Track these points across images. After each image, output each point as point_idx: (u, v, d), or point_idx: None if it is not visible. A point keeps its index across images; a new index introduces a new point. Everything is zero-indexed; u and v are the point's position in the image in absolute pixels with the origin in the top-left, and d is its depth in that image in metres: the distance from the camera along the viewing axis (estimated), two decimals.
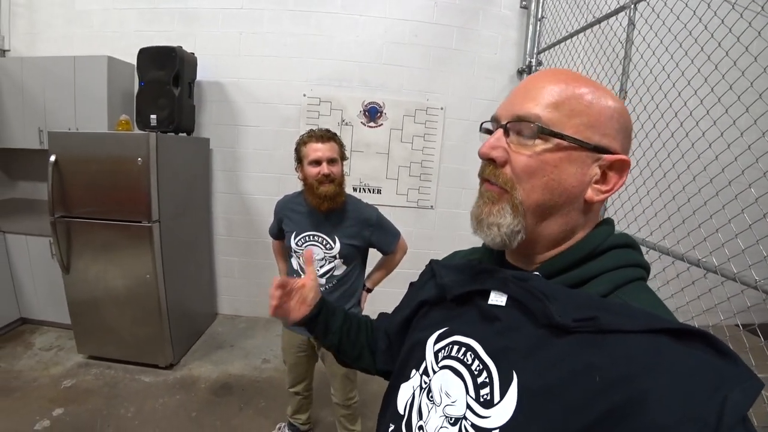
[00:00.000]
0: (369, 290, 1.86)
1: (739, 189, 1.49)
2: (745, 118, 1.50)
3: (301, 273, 1.68)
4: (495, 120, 0.58)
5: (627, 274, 0.53)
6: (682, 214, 1.73)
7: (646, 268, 0.56)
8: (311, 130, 1.62)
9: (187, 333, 2.86)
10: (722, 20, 1.58)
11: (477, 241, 0.62)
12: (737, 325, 1.49)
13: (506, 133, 0.55)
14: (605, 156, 0.53)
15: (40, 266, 2.82)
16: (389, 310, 0.95)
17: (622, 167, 0.54)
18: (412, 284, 0.83)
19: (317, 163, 1.56)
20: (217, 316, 3.41)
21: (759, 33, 1.45)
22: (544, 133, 0.52)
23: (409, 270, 1.90)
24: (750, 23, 1.48)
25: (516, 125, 0.54)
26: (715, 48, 1.60)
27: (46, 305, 2.89)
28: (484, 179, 0.58)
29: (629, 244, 0.56)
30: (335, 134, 1.63)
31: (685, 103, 1.72)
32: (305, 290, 0.86)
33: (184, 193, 2.79)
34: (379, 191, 3.29)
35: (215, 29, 3.00)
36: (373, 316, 0.95)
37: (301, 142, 1.61)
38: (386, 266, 1.86)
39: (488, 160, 0.56)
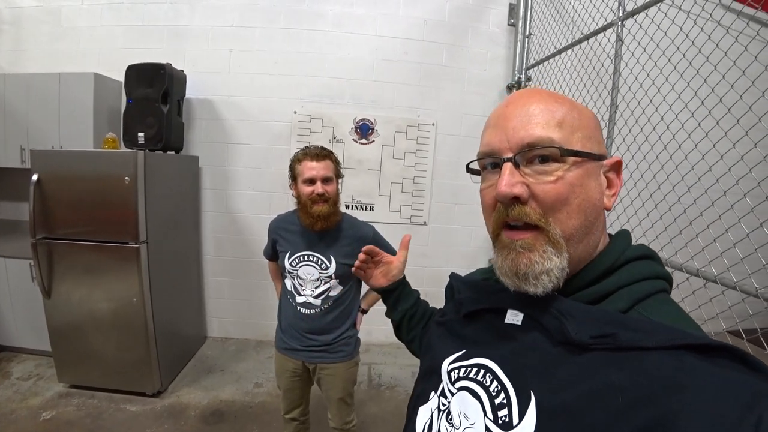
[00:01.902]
0: (364, 311, 1.80)
1: (735, 199, 1.51)
2: (737, 130, 1.53)
3: (295, 295, 1.63)
4: (490, 155, 0.54)
5: (646, 288, 0.51)
6: (679, 225, 1.74)
7: (667, 279, 0.54)
8: (306, 147, 1.58)
9: (175, 358, 2.75)
10: (709, 36, 1.63)
11: (472, 256, 0.58)
12: (738, 332, 1.48)
13: (516, 166, 0.51)
14: (605, 162, 0.54)
15: (20, 290, 2.68)
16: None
17: (618, 168, 0.55)
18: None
19: (311, 181, 1.52)
20: (207, 339, 3.29)
21: (746, 48, 1.48)
22: (566, 154, 0.50)
23: None
24: (736, 39, 1.53)
25: (527, 154, 0.50)
26: (703, 62, 1.64)
27: (25, 331, 2.75)
28: (504, 226, 0.53)
29: (647, 255, 0.55)
30: (331, 152, 1.60)
31: (677, 116, 1.75)
32: (391, 266, 0.94)
33: (173, 212, 2.72)
34: (371, 208, 3.26)
35: (205, 47, 2.99)
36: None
37: (296, 160, 1.57)
38: None
39: (511, 200, 0.50)
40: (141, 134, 2.60)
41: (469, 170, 0.60)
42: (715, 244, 1.60)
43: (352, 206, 3.22)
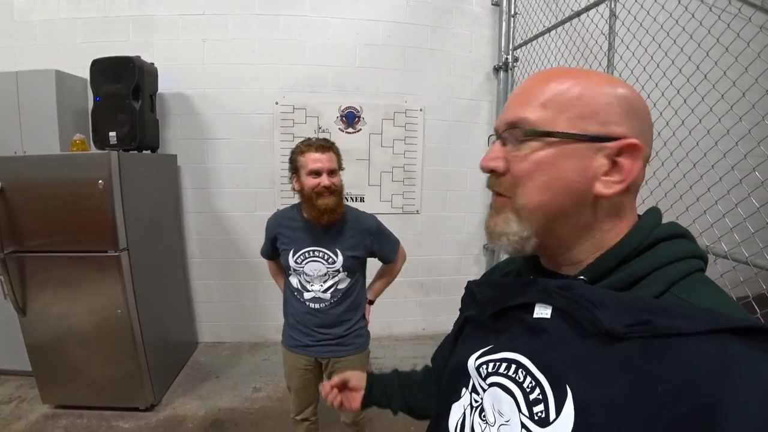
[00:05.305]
0: (371, 302, 1.80)
1: (730, 177, 1.52)
2: (743, 103, 1.50)
3: (303, 291, 1.59)
4: (495, 131, 0.58)
5: (682, 268, 0.47)
6: (669, 200, 1.71)
7: (703, 258, 0.50)
8: (308, 139, 1.56)
9: (166, 368, 2.63)
10: (710, 8, 1.58)
11: (467, 243, 0.57)
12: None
13: (503, 142, 0.54)
14: (608, 144, 0.49)
15: None
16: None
17: (633, 152, 0.49)
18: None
19: (317, 174, 1.49)
20: (198, 345, 3.16)
21: (750, 19, 1.45)
22: (531, 134, 0.50)
23: (403, 278, 1.86)
24: (740, 10, 1.49)
25: (510, 132, 0.53)
26: (705, 35, 1.60)
27: (1, 351, 2.57)
28: (492, 190, 0.57)
29: (679, 233, 0.51)
30: (333, 143, 1.57)
31: (678, 91, 1.71)
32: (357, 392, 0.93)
33: (153, 215, 2.56)
34: (362, 199, 3.16)
35: (175, 37, 2.79)
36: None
37: (298, 152, 1.53)
38: (387, 275, 1.82)
39: (489, 172, 0.55)
40: (112, 134, 2.42)
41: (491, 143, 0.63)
42: (706, 216, 1.62)
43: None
